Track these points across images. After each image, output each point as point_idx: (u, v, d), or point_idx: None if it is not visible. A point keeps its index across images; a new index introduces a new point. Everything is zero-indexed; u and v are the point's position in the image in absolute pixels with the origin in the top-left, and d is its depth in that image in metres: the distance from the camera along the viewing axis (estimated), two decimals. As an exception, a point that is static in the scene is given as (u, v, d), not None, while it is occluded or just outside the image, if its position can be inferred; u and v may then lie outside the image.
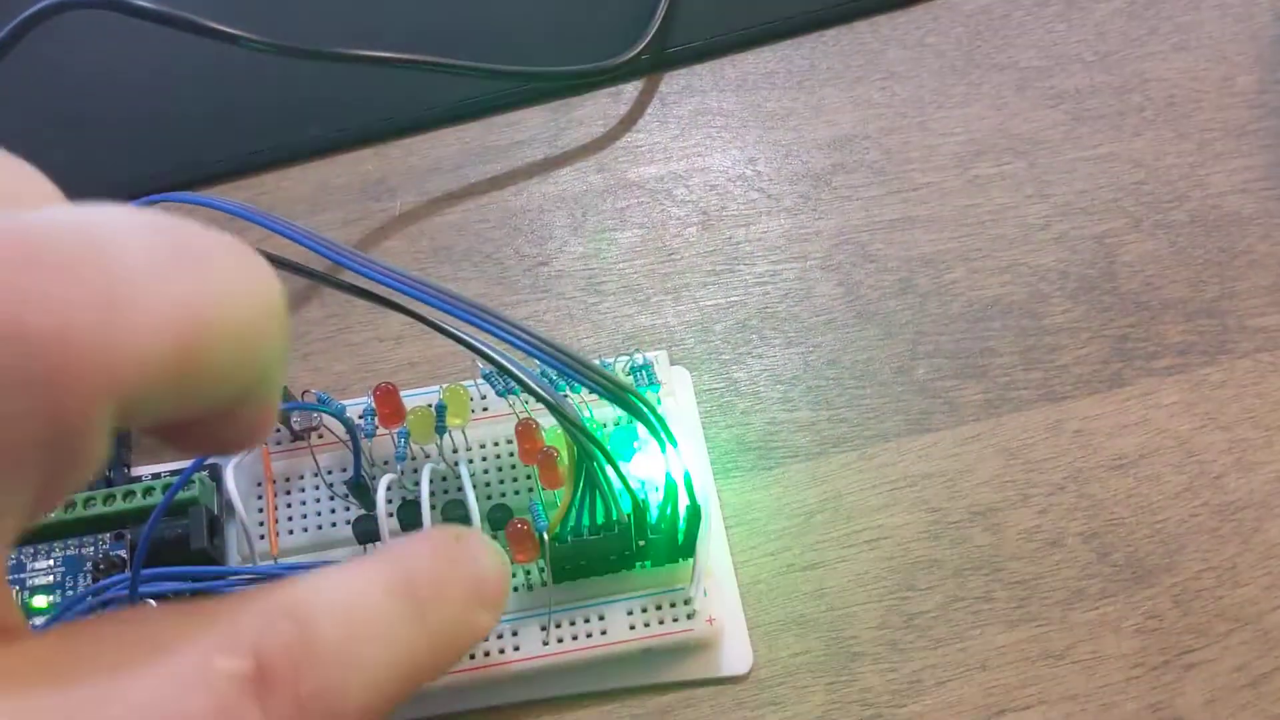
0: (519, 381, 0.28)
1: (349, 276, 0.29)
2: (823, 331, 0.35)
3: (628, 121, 0.40)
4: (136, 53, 0.41)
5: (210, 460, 0.32)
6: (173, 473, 0.32)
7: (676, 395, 0.34)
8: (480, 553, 0.21)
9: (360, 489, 0.30)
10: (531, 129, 0.39)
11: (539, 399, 0.28)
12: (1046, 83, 0.40)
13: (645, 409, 0.28)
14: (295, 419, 0.31)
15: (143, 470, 0.33)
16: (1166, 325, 0.35)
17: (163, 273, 0.14)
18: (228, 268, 0.16)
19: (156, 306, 0.14)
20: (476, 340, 0.28)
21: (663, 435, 0.28)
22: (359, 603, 0.17)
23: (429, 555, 0.19)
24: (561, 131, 0.39)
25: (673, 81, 0.40)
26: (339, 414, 0.30)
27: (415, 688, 0.18)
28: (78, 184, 0.31)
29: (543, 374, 0.30)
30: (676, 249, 0.37)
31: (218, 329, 0.15)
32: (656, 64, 0.40)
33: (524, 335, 0.27)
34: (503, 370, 0.28)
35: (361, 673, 0.17)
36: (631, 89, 0.40)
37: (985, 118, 0.39)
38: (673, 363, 0.35)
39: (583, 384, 0.28)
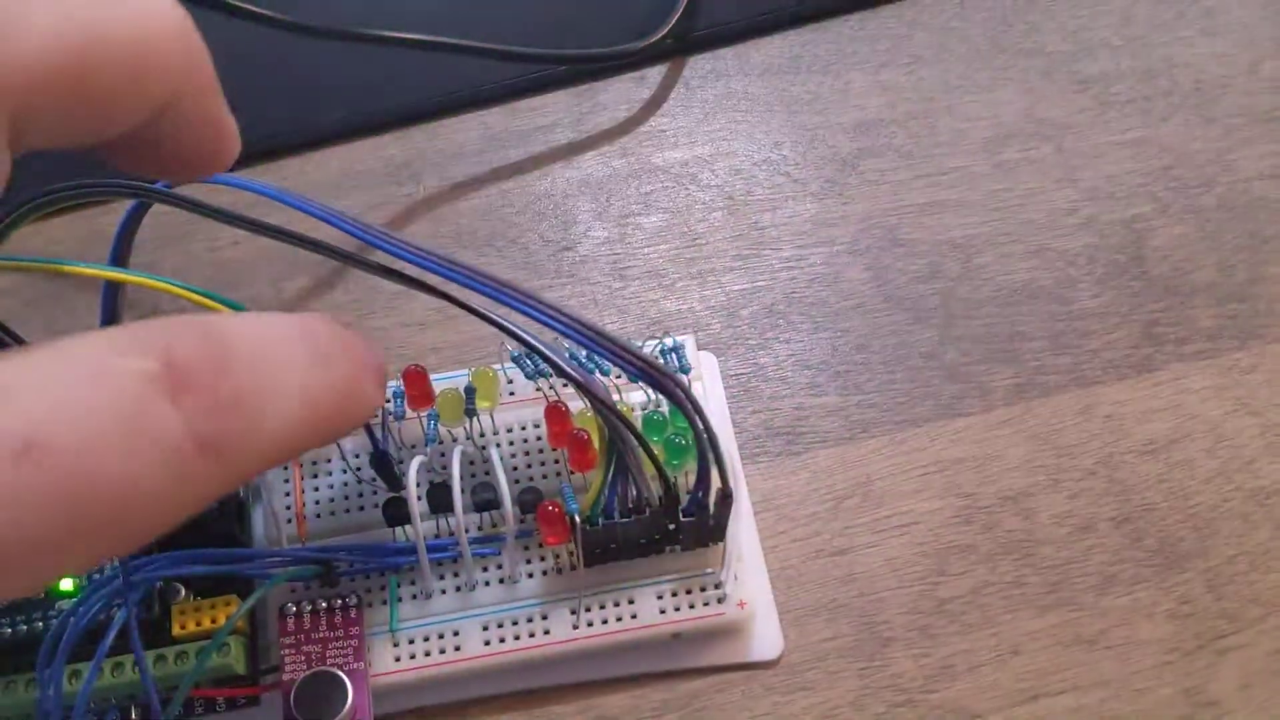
0: (549, 362, 0.28)
1: (378, 257, 0.29)
2: (851, 316, 0.35)
3: (652, 106, 0.39)
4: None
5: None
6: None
7: (703, 380, 0.34)
8: (364, 337, 0.21)
9: (383, 465, 0.30)
10: (555, 113, 0.39)
11: (570, 380, 0.28)
12: (1073, 68, 0.39)
13: (679, 390, 0.28)
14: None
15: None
16: (1196, 310, 0.35)
17: None
18: None
19: (42, 23, 0.14)
20: (507, 321, 0.28)
21: (695, 416, 0.28)
22: (272, 334, 0.17)
23: (325, 321, 0.19)
24: (585, 116, 0.39)
25: (697, 65, 0.40)
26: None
27: (316, 440, 0.18)
28: (95, 166, 0.30)
29: (571, 356, 0.30)
30: (702, 234, 0.37)
31: (110, 40, 0.15)
32: (681, 48, 0.40)
33: (557, 314, 0.27)
34: (533, 350, 0.28)
35: (277, 391, 0.16)
36: (655, 73, 0.40)
37: (1012, 102, 0.39)
38: (699, 348, 0.35)
39: (615, 364, 0.28)
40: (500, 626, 0.30)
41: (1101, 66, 0.39)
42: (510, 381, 0.32)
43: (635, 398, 0.31)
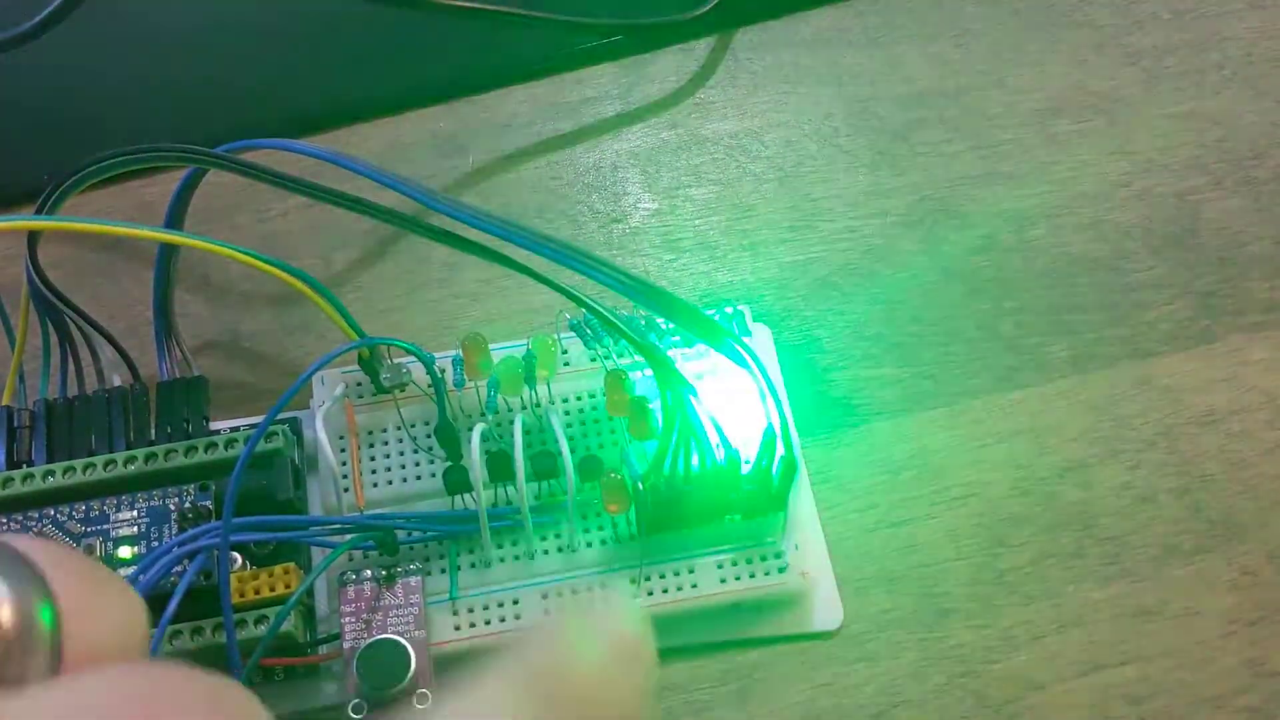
0: (614, 327, 0.28)
1: (438, 221, 0.29)
2: (905, 288, 0.35)
3: (700, 78, 0.39)
4: (210, 3, 0.41)
5: (290, 415, 0.32)
6: (250, 426, 0.32)
7: (759, 352, 0.33)
8: (613, 619, 0.21)
9: (446, 435, 0.30)
10: (603, 86, 0.39)
11: (633, 344, 0.28)
12: (1124, 40, 0.39)
13: (745, 354, 0.28)
14: (385, 375, 0.30)
15: (221, 424, 0.32)
16: (1252, 282, 0.35)
17: None
18: None
19: None
20: (568, 285, 0.28)
21: (761, 379, 0.28)
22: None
23: (547, 647, 0.19)
24: (633, 88, 0.39)
25: (745, 37, 0.40)
26: (428, 361, 0.29)
27: None
28: (143, 139, 0.30)
29: (632, 321, 0.29)
30: (753, 205, 0.37)
31: None
32: (729, 20, 0.40)
33: (621, 275, 0.27)
34: (595, 314, 0.28)
35: None
36: (703, 45, 0.40)
37: (1063, 75, 0.38)
38: (752, 319, 0.34)
39: (679, 326, 0.28)
40: (560, 595, 0.29)
41: (1152, 39, 0.39)
42: (565, 352, 0.32)
43: (695, 365, 0.31)
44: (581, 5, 0.39)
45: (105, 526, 0.29)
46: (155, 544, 0.29)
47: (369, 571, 0.29)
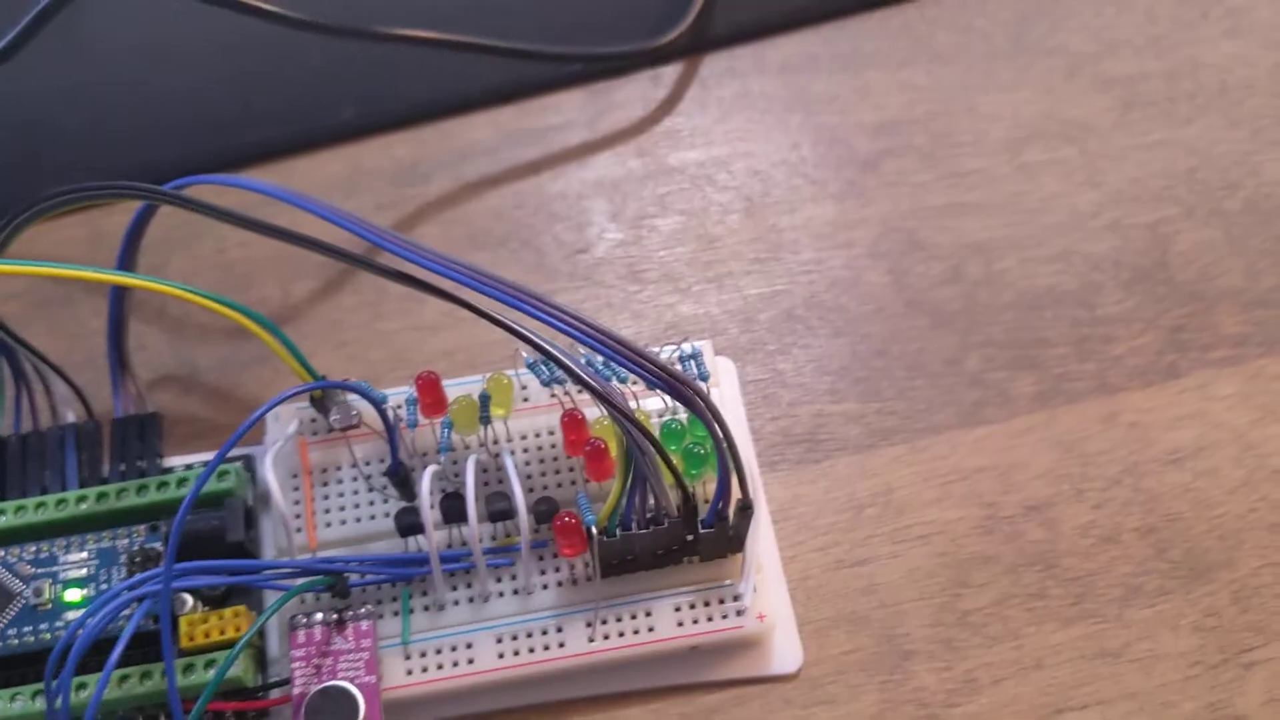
0: (565, 369, 0.27)
1: (388, 260, 0.28)
2: (871, 321, 0.35)
3: (667, 105, 0.39)
4: (166, 29, 0.40)
5: (244, 451, 0.32)
6: (205, 464, 0.32)
7: (721, 386, 0.33)
8: None
9: (399, 477, 0.30)
10: (569, 112, 0.39)
11: (586, 388, 0.27)
12: (1096, 68, 0.39)
13: (698, 399, 0.27)
14: (335, 416, 0.30)
15: (175, 461, 0.32)
16: (1222, 315, 0.34)
17: None
18: None
19: None
20: (521, 326, 0.28)
21: (716, 426, 0.27)
22: None
23: None
24: (600, 115, 0.39)
25: (713, 64, 0.39)
26: (379, 402, 0.29)
27: None
28: (101, 166, 0.30)
29: (588, 362, 0.29)
30: (719, 236, 0.36)
31: None
32: (697, 46, 0.39)
33: (573, 320, 0.27)
34: (549, 357, 0.28)
35: None
36: (671, 72, 0.39)
37: (1034, 103, 0.38)
38: (716, 353, 0.34)
39: (633, 371, 0.28)
40: (515, 639, 0.29)
41: (1125, 67, 0.39)
42: (524, 388, 0.32)
43: (652, 405, 0.30)
44: (548, 31, 0.38)
45: (55, 568, 0.29)
46: (105, 586, 0.29)
47: (320, 615, 0.29)
